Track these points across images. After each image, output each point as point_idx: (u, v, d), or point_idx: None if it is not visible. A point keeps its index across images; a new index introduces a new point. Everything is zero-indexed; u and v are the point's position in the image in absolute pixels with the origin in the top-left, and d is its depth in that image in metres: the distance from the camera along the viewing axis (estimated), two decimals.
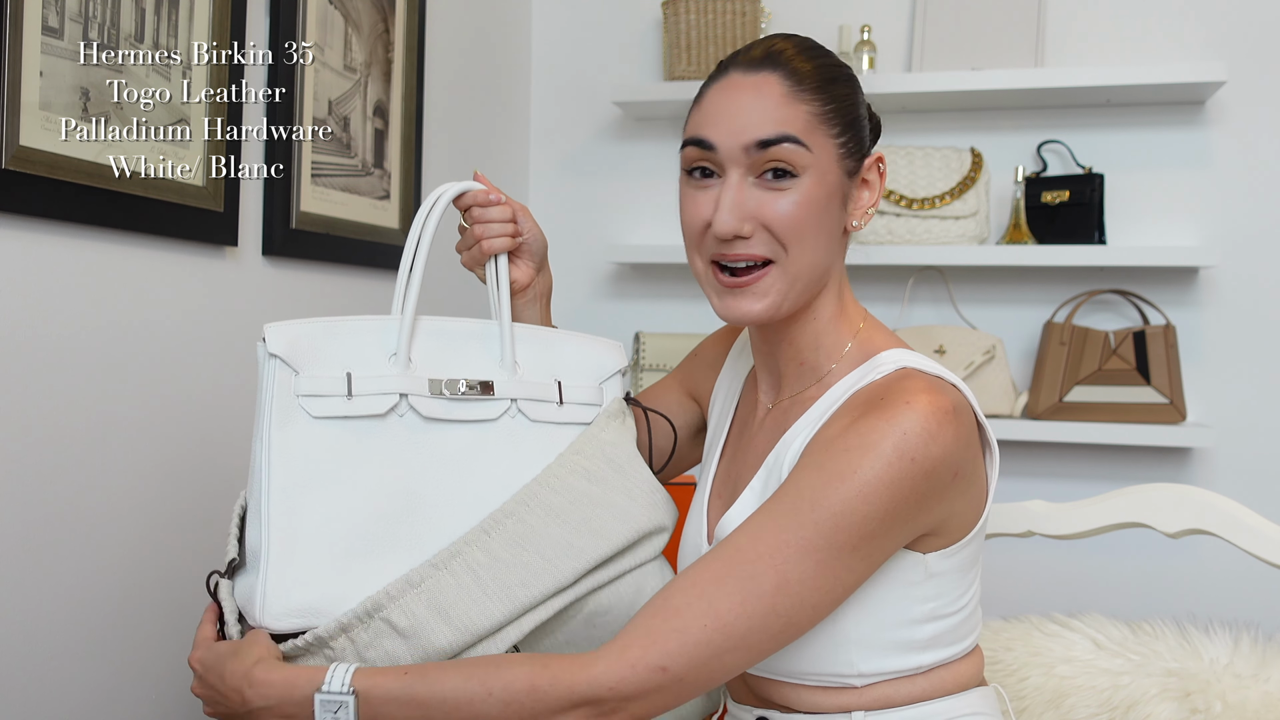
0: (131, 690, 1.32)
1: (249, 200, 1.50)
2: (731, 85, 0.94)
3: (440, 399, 0.95)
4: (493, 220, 1.04)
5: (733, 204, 0.92)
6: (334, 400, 0.91)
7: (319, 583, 0.87)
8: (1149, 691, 1.21)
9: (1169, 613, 1.32)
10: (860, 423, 0.87)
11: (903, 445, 0.85)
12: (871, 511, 0.85)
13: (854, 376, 0.96)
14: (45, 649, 1.20)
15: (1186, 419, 2.06)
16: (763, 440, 1.02)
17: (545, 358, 1.03)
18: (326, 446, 0.90)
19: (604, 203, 2.47)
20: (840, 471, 0.85)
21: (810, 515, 0.85)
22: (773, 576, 0.84)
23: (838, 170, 0.94)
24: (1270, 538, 1.19)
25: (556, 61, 2.49)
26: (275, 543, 0.87)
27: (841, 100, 0.95)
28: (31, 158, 1.13)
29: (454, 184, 1.02)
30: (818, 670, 0.94)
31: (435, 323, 0.99)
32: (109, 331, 1.26)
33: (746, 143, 0.91)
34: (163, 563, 1.36)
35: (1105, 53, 2.17)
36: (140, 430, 1.31)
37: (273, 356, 0.90)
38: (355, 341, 0.94)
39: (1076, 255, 2.05)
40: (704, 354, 1.20)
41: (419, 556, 0.91)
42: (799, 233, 0.92)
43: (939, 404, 0.87)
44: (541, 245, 1.10)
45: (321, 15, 1.63)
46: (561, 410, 1.02)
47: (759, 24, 2.25)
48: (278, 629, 0.87)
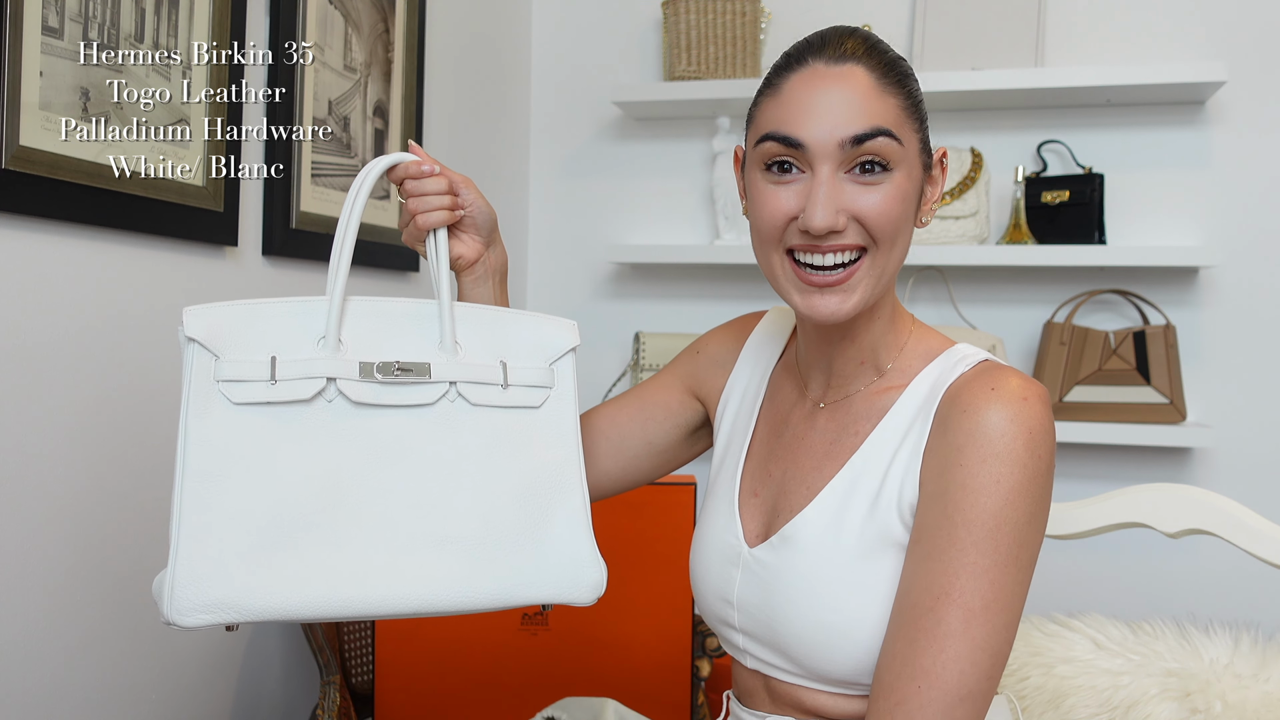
0: (131, 690, 1.33)
1: (249, 200, 1.50)
2: (815, 76, 0.90)
3: (371, 382, 0.89)
4: (428, 193, 0.98)
5: (827, 198, 0.89)
6: (256, 385, 0.86)
7: (231, 577, 0.83)
8: (1149, 691, 1.21)
9: (1169, 613, 1.32)
10: (984, 427, 0.86)
11: (1031, 443, 0.85)
12: (1019, 517, 0.85)
13: (932, 373, 0.94)
14: (46, 649, 1.20)
15: (1186, 419, 2.06)
16: (820, 439, 0.99)
17: (490, 338, 0.97)
18: (247, 435, 0.86)
19: (604, 203, 2.47)
20: (983, 485, 0.84)
21: (968, 538, 0.84)
22: (958, 614, 0.83)
23: (919, 164, 0.93)
24: (1270, 538, 1.19)
25: (556, 62, 2.49)
26: (185, 535, 0.83)
27: (918, 94, 0.94)
28: (31, 158, 1.13)
29: (384, 157, 0.97)
30: (868, 679, 0.92)
31: (370, 304, 0.93)
32: (109, 331, 1.26)
33: (842, 138, 0.88)
34: (165, 552, 1.36)
35: (1105, 53, 2.17)
36: (141, 430, 1.31)
37: (191, 341, 0.85)
38: (281, 324, 0.89)
39: (1076, 255, 2.05)
40: (710, 352, 1.16)
41: (338, 550, 0.86)
42: (893, 227, 0.90)
43: (1042, 394, 0.87)
44: (489, 218, 1.03)
45: (321, 15, 1.63)
46: (506, 393, 0.95)
47: (759, 24, 2.25)
48: (186, 625, 0.82)
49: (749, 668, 1.01)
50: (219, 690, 1.49)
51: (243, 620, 0.83)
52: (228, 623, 0.83)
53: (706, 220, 2.41)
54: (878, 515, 0.91)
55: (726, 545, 1.02)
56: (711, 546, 1.04)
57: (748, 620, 0.98)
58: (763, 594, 0.96)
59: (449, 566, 0.89)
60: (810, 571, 0.93)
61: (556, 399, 0.99)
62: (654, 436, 1.14)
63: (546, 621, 1.48)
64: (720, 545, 1.02)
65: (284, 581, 0.84)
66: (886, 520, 0.91)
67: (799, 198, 0.90)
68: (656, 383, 1.18)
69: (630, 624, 1.48)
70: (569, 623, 1.48)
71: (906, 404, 0.94)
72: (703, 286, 2.42)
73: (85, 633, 1.25)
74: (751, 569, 0.98)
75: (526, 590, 0.92)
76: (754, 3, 2.23)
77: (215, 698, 1.49)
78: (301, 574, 0.85)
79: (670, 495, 1.48)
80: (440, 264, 0.98)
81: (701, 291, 2.42)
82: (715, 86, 2.21)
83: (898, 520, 0.90)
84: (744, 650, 1.00)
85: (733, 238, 2.30)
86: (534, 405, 0.97)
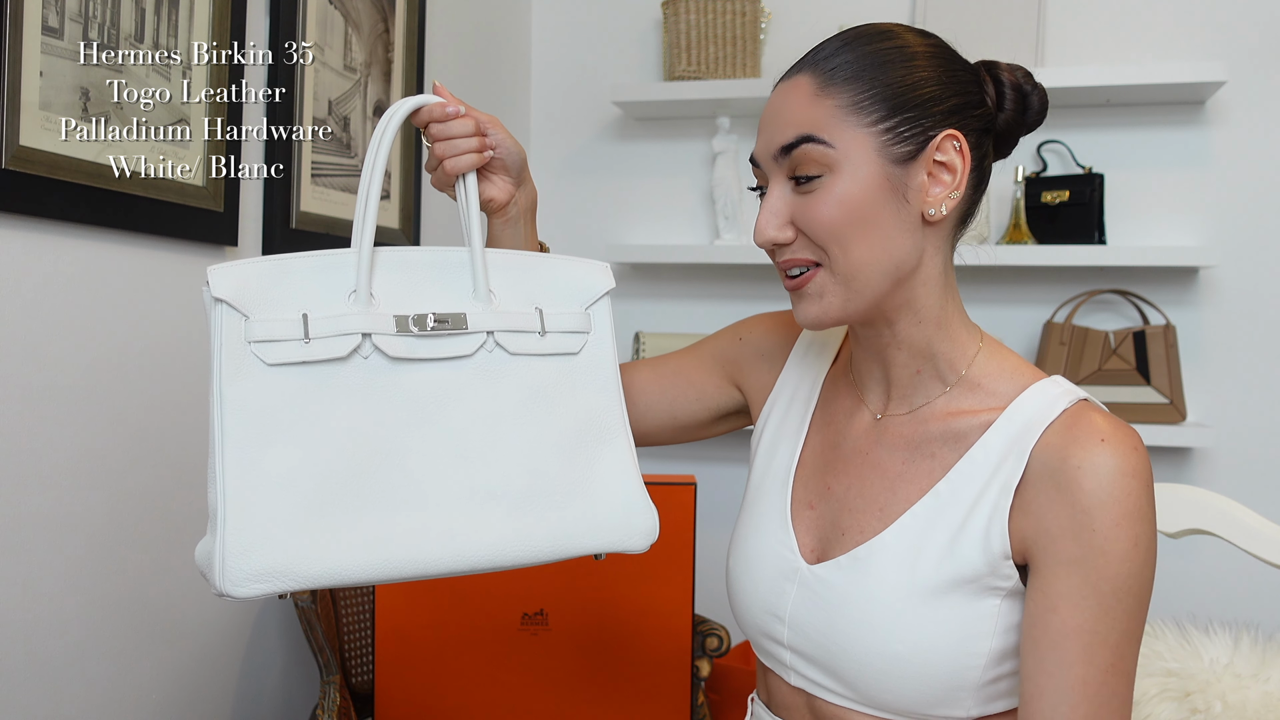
0: (131, 690, 1.33)
1: (249, 200, 1.50)
2: (773, 94, 0.92)
3: (407, 336, 0.87)
4: (455, 136, 0.93)
5: (769, 213, 0.89)
6: (289, 345, 0.83)
7: (283, 544, 0.80)
8: (1149, 691, 1.21)
9: (1169, 613, 1.32)
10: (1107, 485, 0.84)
11: (1149, 494, 0.86)
12: (1151, 571, 0.86)
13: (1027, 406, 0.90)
14: (46, 649, 1.20)
15: (1186, 419, 2.06)
16: (891, 458, 0.95)
17: (523, 284, 0.94)
18: (284, 396, 0.82)
19: (604, 203, 2.47)
20: (1126, 552, 0.84)
21: (1120, 607, 0.84)
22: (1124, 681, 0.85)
23: (878, 160, 0.87)
24: (1270, 538, 1.19)
25: (556, 61, 2.49)
26: (232, 504, 0.80)
27: (889, 84, 0.88)
28: (31, 158, 1.13)
29: (408, 100, 0.92)
30: (931, 711, 0.90)
31: (398, 254, 0.90)
32: (109, 331, 1.26)
33: (774, 151, 0.89)
34: (166, 553, 1.36)
35: (1105, 53, 2.17)
36: (141, 430, 1.31)
37: (219, 302, 0.82)
38: (310, 279, 0.85)
39: (1076, 255, 2.05)
40: (755, 342, 1.11)
41: (391, 510, 0.84)
42: (834, 233, 0.87)
43: (1138, 438, 0.87)
44: (519, 158, 0.98)
45: (321, 15, 1.63)
46: (544, 341, 0.92)
47: (759, 24, 2.25)
48: (241, 595, 0.79)
49: (792, 685, 0.97)
50: (219, 690, 1.49)
51: (298, 588, 0.81)
52: (282, 590, 0.81)
53: (706, 220, 2.41)
54: (958, 552, 0.88)
55: (780, 558, 0.98)
56: (760, 558, 1.00)
57: (799, 639, 0.95)
58: (824, 615, 0.93)
59: (501, 521, 0.87)
60: (884, 599, 0.90)
61: (595, 344, 0.96)
62: (679, 412, 1.11)
63: (546, 621, 1.48)
64: (771, 558, 0.98)
65: (336, 545, 0.82)
66: (969, 558, 0.88)
67: None
68: (693, 359, 1.13)
69: (630, 624, 1.48)
70: (569, 623, 1.48)
71: (998, 436, 0.89)
72: (702, 286, 2.42)
73: (85, 633, 1.25)
74: (811, 587, 0.94)
75: (580, 540, 0.90)
76: (754, 3, 2.23)
77: (215, 698, 1.49)
78: (354, 537, 0.82)
79: (670, 495, 1.47)
80: (470, 209, 0.94)
81: (701, 291, 2.42)
82: (715, 86, 2.21)
83: (981, 561, 0.88)
84: (789, 667, 0.97)
85: (732, 238, 2.30)
86: (573, 351, 0.94)
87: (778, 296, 2.34)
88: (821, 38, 0.95)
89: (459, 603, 1.47)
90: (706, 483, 2.25)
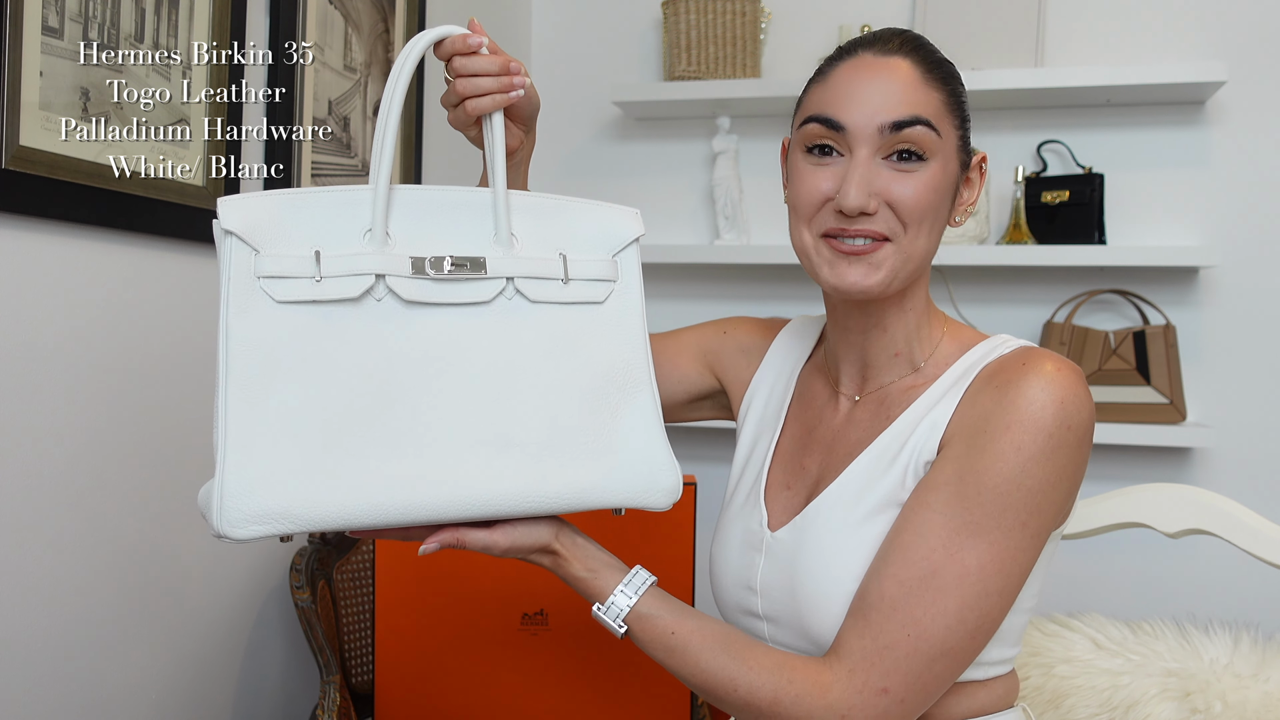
0: (131, 691, 1.33)
1: None
2: (863, 65, 0.93)
3: (423, 279, 0.83)
4: (480, 73, 0.88)
5: (860, 180, 0.90)
6: (300, 283, 0.80)
7: (284, 485, 0.77)
8: (1149, 691, 1.21)
9: (1169, 613, 1.32)
10: (1012, 396, 0.86)
11: (1062, 414, 0.85)
12: (1035, 485, 0.85)
13: (970, 358, 0.95)
14: (46, 648, 1.20)
15: (1186, 419, 2.06)
16: (854, 431, 0.99)
17: (548, 229, 0.90)
18: (292, 334, 0.80)
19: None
20: (1002, 450, 0.84)
21: (976, 499, 0.84)
22: (953, 569, 0.84)
23: (956, 161, 0.95)
24: (1270, 538, 1.19)
25: (556, 62, 2.49)
26: (233, 443, 0.77)
27: (961, 94, 0.96)
28: (31, 158, 1.13)
29: (431, 30, 0.87)
30: None
31: (418, 193, 0.87)
32: (109, 331, 1.26)
33: (881, 123, 0.90)
34: (165, 553, 1.36)
35: (1105, 53, 2.17)
36: (141, 430, 1.31)
37: (229, 234, 0.79)
38: (324, 216, 0.82)
39: (1076, 255, 2.05)
40: (738, 338, 1.16)
41: (394, 455, 0.81)
42: (921, 215, 0.91)
43: (1077, 370, 0.88)
44: (535, 106, 0.97)
45: (321, 15, 1.63)
46: (567, 289, 0.89)
47: (759, 24, 2.25)
48: (238, 536, 0.76)
49: None
50: (219, 690, 1.49)
51: (298, 530, 0.78)
52: (282, 533, 0.78)
53: (706, 220, 2.41)
54: (891, 474, 0.92)
55: (748, 532, 1.01)
56: (732, 535, 1.04)
57: (771, 605, 0.98)
58: (787, 575, 0.96)
59: (516, 469, 0.84)
60: (830, 543, 0.93)
61: (621, 293, 0.93)
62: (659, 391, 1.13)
63: (546, 621, 1.48)
64: (742, 533, 1.02)
65: (339, 488, 0.79)
66: (898, 478, 0.92)
67: (835, 180, 0.92)
68: (676, 343, 1.17)
69: None
70: (569, 623, 1.48)
71: (938, 387, 0.95)
72: (702, 286, 2.42)
73: (85, 632, 1.25)
74: (774, 551, 0.98)
75: (599, 493, 0.88)
76: (754, 3, 2.23)
77: (215, 697, 1.49)
78: (357, 480, 0.80)
79: None
80: (495, 150, 0.90)
81: (701, 291, 2.42)
82: (715, 86, 2.20)
83: (910, 477, 0.91)
84: (770, 639, 1.00)
85: (733, 238, 2.30)
86: (597, 300, 0.91)
87: (777, 296, 2.34)
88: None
89: (459, 603, 1.47)
90: (706, 483, 2.25)
